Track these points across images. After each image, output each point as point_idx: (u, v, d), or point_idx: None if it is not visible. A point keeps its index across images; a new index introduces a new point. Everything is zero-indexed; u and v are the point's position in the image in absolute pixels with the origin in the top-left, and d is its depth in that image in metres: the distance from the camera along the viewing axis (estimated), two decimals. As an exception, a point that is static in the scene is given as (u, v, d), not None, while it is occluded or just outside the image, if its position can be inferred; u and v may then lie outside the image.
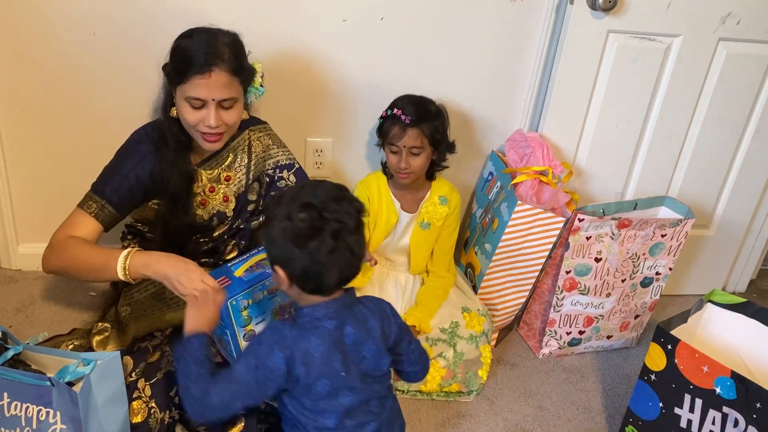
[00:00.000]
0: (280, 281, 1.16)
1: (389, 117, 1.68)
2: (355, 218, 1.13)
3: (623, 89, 1.85)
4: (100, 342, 1.49)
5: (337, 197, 1.13)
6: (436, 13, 1.78)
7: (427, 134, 1.66)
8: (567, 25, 1.75)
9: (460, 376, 1.65)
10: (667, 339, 1.40)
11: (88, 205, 1.45)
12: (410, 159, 1.67)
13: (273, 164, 1.65)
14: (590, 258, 1.76)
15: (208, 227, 1.59)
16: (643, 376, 1.47)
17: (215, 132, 1.42)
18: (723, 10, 1.78)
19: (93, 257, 1.38)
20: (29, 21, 1.67)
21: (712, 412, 1.35)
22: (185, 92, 1.38)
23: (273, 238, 1.13)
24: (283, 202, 1.13)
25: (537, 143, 1.82)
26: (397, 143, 1.66)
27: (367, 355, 1.18)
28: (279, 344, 1.13)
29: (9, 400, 1.23)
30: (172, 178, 1.48)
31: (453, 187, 1.81)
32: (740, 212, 2.12)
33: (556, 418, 1.68)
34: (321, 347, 1.13)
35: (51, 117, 1.80)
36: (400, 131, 1.65)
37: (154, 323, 1.48)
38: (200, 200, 1.56)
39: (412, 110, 1.66)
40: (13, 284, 1.94)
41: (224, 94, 1.38)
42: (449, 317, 1.69)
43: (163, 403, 1.32)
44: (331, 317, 1.15)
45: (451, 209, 1.78)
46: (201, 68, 1.35)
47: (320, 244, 1.09)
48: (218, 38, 1.39)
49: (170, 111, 1.46)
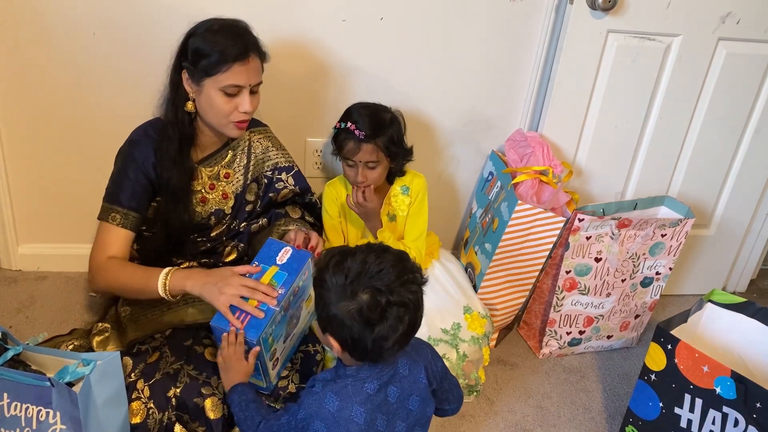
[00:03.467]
0: (330, 346, 1.13)
1: (343, 130, 1.65)
2: (417, 296, 1.10)
3: (623, 89, 1.85)
4: (100, 342, 1.49)
5: (401, 275, 1.08)
6: (436, 13, 1.78)
7: (382, 147, 1.64)
8: (567, 24, 1.75)
9: (464, 376, 1.65)
10: (667, 339, 1.40)
11: (112, 217, 1.46)
12: (367, 172, 1.65)
13: (272, 166, 1.65)
14: (590, 258, 1.76)
15: (206, 226, 1.59)
16: (643, 376, 1.47)
17: (247, 118, 1.46)
18: (723, 10, 1.78)
19: (134, 278, 1.42)
20: (29, 21, 1.67)
21: (712, 412, 1.35)
22: (222, 82, 1.39)
23: (333, 314, 1.08)
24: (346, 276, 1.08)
25: (537, 143, 1.82)
26: (352, 158, 1.64)
27: (413, 408, 1.18)
28: (320, 416, 1.12)
29: (9, 400, 1.23)
30: (173, 175, 1.49)
31: (416, 173, 1.78)
32: (740, 212, 2.12)
33: (556, 418, 1.68)
34: (364, 414, 1.12)
35: (51, 117, 1.80)
36: (354, 146, 1.63)
37: (153, 325, 1.48)
38: (200, 198, 1.56)
39: (366, 123, 1.62)
40: (13, 284, 1.94)
41: (257, 78, 1.45)
42: (451, 318, 1.68)
43: (162, 403, 1.32)
44: (375, 378, 1.14)
45: (413, 196, 1.76)
46: (240, 56, 1.39)
47: (385, 328, 1.07)
48: (239, 26, 1.44)
49: (186, 106, 1.46)
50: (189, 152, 1.52)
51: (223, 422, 1.33)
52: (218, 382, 1.35)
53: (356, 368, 1.14)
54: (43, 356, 1.32)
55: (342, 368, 1.16)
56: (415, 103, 1.87)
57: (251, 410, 1.23)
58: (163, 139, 1.48)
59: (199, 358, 1.40)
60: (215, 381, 1.35)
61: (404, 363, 1.18)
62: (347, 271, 1.08)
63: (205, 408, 1.32)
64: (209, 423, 1.32)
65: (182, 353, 1.41)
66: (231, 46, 1.39)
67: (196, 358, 1.40)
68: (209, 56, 1.39)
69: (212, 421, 1.32)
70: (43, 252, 1.99)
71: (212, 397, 1.33)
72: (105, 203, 1.49)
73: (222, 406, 1.33)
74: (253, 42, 1.43)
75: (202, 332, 1.48)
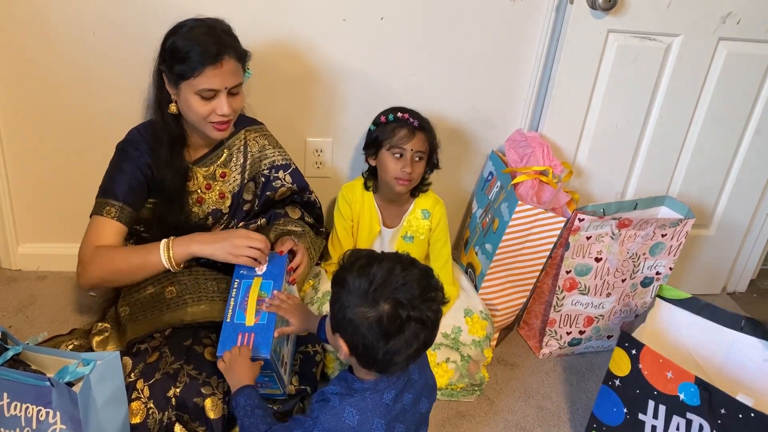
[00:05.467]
0: (338, 348, 1.11)
1: (392, 121, 1.65)
2: (437, 315, 1.09)
3: (623, 89, 1.85)
4: (100, 342, 1.49)
5: (424, 292, 1.06)
6: (435, 13, 1.78)
7: (429, 142, 1.67)
8: (567, 24, 1.75)
9: (469, 376, 1.66)
10: (631, 344, 1.38)
11: (107, 210, 1.45)
12: (415, 164, 1.65)
13: (269, 164, 1.65)
14: (590, 258, 1.76)
15: (203, 226, 1.59)
16: (607, 381, 1.45)
17: (227, 120, 1.45)
18: (723, 10, 1.78)
19: (131, 257, 1.43)
20: (29, 21, 1.67)
21: (676, 419, 1.33)
22: (197, 86, 1.38)
23: (349, 317, 1.06)
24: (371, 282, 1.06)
25: (537, 143, 1.82)
26: (404, 146, 1.63)
27: (423, 410, 1.19)
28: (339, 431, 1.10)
29: (9, 400, 1.23)
30: (167, 176, 1.49)
31: (437, 199, 1.78)
32: (740, 212, 2.12)
33: (556, 418, 1.68)
34: (384, 426, 1.11)
35: (51, 117, 1.80)
36: (409, 134, 1.63)
37: (153, 324, 1.48)
38: (196, 198, 1.56)
39: (417, 115, 1.66)
40: (13, 284, 1.94)
41: (234, 80, 1.42)
42: (452, 321, 1.67)
43: (162, 403, 1.32)
44: (392, 388, 1.12)
45: (434, 223, 1.76)
46: (213, 59, 1.36)
47: (400, 342, 1.05)
48: (216, 27, 1.41)
49: (168, 108, 1.46)
50: (181, 153, 1.52)
51: (223, 422, 1.33)
52: (218, 382, 1.35)
53: (374, 381, 1.12)
54: (43, 356, 1.32)
55: (356, 381, 1.13)
56: (415, 102, 1.87)
57: (257, 417, 1.19)
58: (155, 141, 1.48)
59: (199, 358, 1.40)
60: (215, 381, 1.35)
61: (414, 368, 1.18)
62: (372, 277, 1.05)
63: (205, 408, 1.32)
64: (209, 423, 1.32)
65: (182, 353, 1.40)
66: (203, 49, 1.36)
67: (196, 358, 1.40)
68: (183, 60, 1.37)
69: (212, 421, 1.32)
70: (43, 252, 1.98)
71: (212, 396, 1.33)
72: (99, 198, 1.48)
73: (222, 406, 1.33)
74: (228, 44, 1.40)
75: (201, 332, 1.48)
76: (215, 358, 1.35)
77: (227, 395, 1.34)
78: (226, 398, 1.34)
